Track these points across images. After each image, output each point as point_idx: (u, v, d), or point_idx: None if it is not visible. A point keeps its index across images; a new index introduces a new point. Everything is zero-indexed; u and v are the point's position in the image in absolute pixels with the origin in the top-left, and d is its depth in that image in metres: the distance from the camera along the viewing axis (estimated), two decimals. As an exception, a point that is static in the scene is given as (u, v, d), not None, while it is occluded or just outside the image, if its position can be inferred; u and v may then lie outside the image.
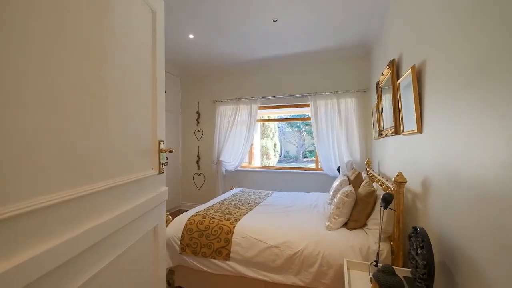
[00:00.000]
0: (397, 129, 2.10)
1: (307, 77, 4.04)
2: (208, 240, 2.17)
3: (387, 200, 1.44)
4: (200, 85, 4.72)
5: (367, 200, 1.97)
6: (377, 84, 2.80)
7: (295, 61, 4.07)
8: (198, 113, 4.69)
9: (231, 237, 2.12)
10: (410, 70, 1.65)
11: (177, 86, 4.73)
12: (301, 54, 3.89)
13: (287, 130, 10.55)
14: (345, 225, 2.08)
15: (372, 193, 1.95)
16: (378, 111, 2.82)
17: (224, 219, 2.30)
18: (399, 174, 1.72)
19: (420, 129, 1.60)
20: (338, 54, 3.82)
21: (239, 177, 4.48)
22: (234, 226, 2.18)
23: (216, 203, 2.84)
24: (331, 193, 2.87)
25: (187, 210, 2.80)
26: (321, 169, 3.97)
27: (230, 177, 4.53)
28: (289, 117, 5.28)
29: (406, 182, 1.70)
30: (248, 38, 3.38)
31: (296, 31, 3.19)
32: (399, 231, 1.71)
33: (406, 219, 1.85)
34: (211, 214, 2.42)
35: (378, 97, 2.80)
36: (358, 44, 3.53)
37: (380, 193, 2.02)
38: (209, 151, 4.58)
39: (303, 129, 10.14)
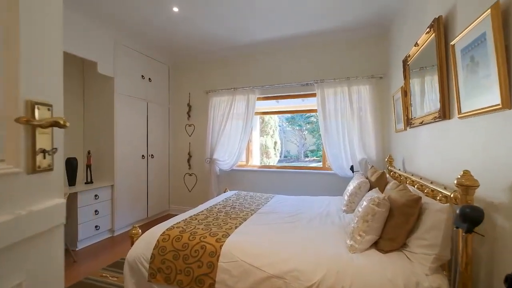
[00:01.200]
0: (445, 112, 1.49)
1: (313, 63, 3.43)
2: (186, 264, 1.55)
3: (473, 218, 0.82)
4: (191, 74, 4.11)
5: (408, 210, 1.35)
6: (404, 62, 2.19)
7: (298, 44, 3.47)
8: (189, 105, 4.08)
9: (217, 260, 1.50)
10: (488, 12, 1.04)
11: (165, 75, 4.13)
12: (306, 35, 3.29)
13: (287, 129, 9.96)
14: (374, 244, 1.47)
15: (416, 202, 1.34)
16: (405, 95, 2.21)
17: (209, 235, 1.68)
18: (466, 173, 1.10)
19: (508, 102, 0.99)
20: (349, 34, 3.21)
21: (235, 177, 3.86)
22: (222, 245, 1.56)
23: (202, 211, 2.22)
24: (346, 197, 2.25)
25: (177, 215, 2.20)
26: (330, 168, 3.36)
27: (224, 178, 3.91)
28: (291, 110, 4.64)
29: (477, 186, 1.09)
30: (242, 14, 2.78)
31: (300, 7, 2.58)
32: (467, 259, 1.10)
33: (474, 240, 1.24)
34: (193, 227, 1.80)
35: (405, 78, 2.19)
36: (372, 21, 2.92)
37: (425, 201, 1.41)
38: (202, 148, 3.97)
39: (304, 128, 9.55)
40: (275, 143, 6.84)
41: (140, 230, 1.84)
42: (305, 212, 2.21)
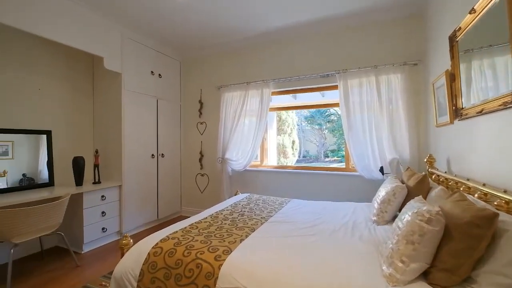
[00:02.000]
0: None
1: (334, 51, 3.01)
2: (178, 286, 1.25)
3: None
4: (202, 69, 3.85)
5: (476, 232, 0.94)
6: (452, 39, 1.73)
7: (317, 31, 3.07)
8: (200, 102, 3.82)
9: (214, 284, 1.18)
10: None
11: (177, 71, 3.91)
12: (325, 20, 2.88)
13: (306, 128, 9.49)
14: (423, 275, 1.06)
15: (489, 220, 0.91)
16: (452, 79, 1.75)
17: (208, 250, 1.36)
18: None
19: None
20: (377, 16, 2.76)
21: (248, 178, 3.54)
22: (221, 265, 1.24)
23: (206, 218, 1.91)
24: (376, 205, 1.84)
25: (189, 217, 1.93)
26: (354, 170, 2.93)
27: (237, 179, 3.60)
28: (309, 105, 4.20)
29: None
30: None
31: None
32: None
33: None
34: (191, 239, 1.50)
35: (453, 58, 1.73)
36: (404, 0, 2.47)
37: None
38: (213, 147, 3.69)
39: (324, 127, 9.03)
40: (293, 142, 6.43)
41: (131, 240, 1.56)
42: (327, 221, 1.82)
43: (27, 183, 2.62)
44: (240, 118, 3.41)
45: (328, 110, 8.48)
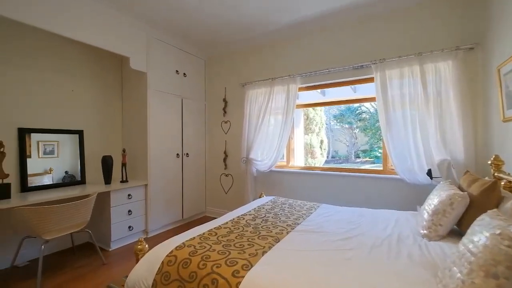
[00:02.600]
0: None
1: (368, 39, 2.67)
2: (191, 304, 1.09)
3: None
4: (226, 67, 3.72)
5: None
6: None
7: (349, 18, 2.75)
8: (225, 100, 3.70)
9: (231, 307, 1.00)
10: None
11: (201, 70, 3.83)
12: (359, 6, 2.56)
13: (335, 127, 8.98)
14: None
15: None
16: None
17: (225, 263, 1.18)
18: None
19: None
20: (421, -3, 2.38)
21: (274, 180, 3.32)
22: (239, 283, 1.04)
23: (226, 222, 1.74)
24: (426, 215, 1.51)
25: (215, 218, 1.80)
26: (393, 172, 2.56)
27: (262, 180, 3.40)
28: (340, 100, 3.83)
29: None
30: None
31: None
32: None
33: None
34: (208, 248, 1.33)
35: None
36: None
37: None
38: (238, 146, 3.54)
39: (355, 126, 8.45)
40: (321, 141, 6.06)
41: (146, 246, 1.45)
42: (365, 233, 1.54)
43: (69, 180, 2.73)
44: (265, 116, 3.20)
45: (359, 108, 7.91)
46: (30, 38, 2.47)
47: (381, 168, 2.80)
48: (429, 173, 2.10)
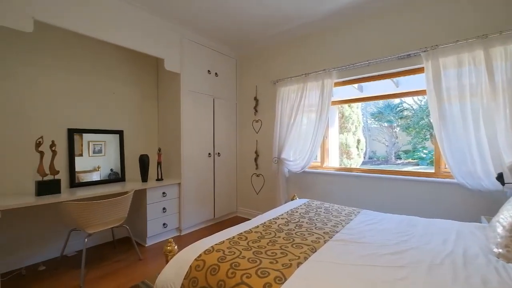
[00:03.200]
0: None
1: (417, 23, 2.34)
2: (219, 316, 0.99)
3: None
4: (258, 65, 3.61)
5: None
6: None
7: (392, 2, 2.45)
8: (256, 99, 3.60)
9: (262, 326, 0.87)
10: None
11: (232, 69, 3.78)
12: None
13: (373, 126, 8.34)
14: None
15: None
16: None
17: (256, 273, 1.06)
18: None
19: None
20: (485, -31, 2.00)
21: (307, 181, 3.12)
22: (271, 299, 0.92)
23: (257, 226, 1.62)
24: (501, 230, 1.21)
25: (246, 219, 1.73)
26: (449, 176, 2.20)
27: (294, 181, 3.23)
28: (380, 95, 3.44)
29: None
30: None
31: None
32: None
33: None
34: (238, 254, 1.23)
35: None
36: None
37: None
38: (269, 146, 3.41)
39: (395, 124, 7.75)
40: (358, 141, 5.65)
41: (176, 247, 1.39)
42: (419, 247, 1.29)
43: (113, 177, 2.89)
44: (298, 114, 3.03)
45: (400, 104, 7.21)
46: (75, 45, 2.63)
47: (432, 171, 2.44)
48: (500, 177, 1.73)
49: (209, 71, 3.37)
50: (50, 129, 2.45)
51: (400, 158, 7.57)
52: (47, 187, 2.18)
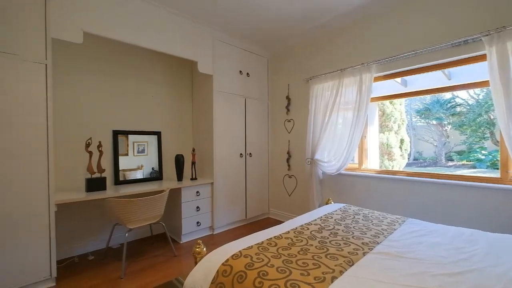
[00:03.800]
0: None
1: (477, 4, 2.00)
2: (245, 329, 0.92)
3: None
4: (290, 63, 3.49)
5: None
6: None
7: (447, -16, 2.13)
8: (288, 98, 3.48)
9: None
10: None
11: (264, 69, 3.72)
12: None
13: (418, 124, 7.56)
14: None
15: None
16: None
17: (285, 284, 0.97)
18: None
19: None
20: None
21: (343, 184, 2.91)
22: (301, 318, 0.82)
23: (288, 232, 1.52)
24: None
25: (281, 222, 1.68)
26: (519, 182, 1.84)
27: (329, 184, 3.04)
28: (429, 89, 3.03)
29: None
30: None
31: None
32: None
33: None
34: (266, 261, 1.15)
35: None
36: None
37: None
38: (302, 146, 3.27)
39: (446, 122, 6.90)
40: (401, 140, 5.15)
41: (204, 249, 1.37)
42: (483, 269, 1.07)
43: (154, 176, 3.04)
44: (333, 112, 2.84)
45: (453, 100, 6.38)
46: (118, 53, 2.83)
47: (497, 176, 2.06)
48: None
49: (240, 71, 3.36)
50: (98, 131, 2.66)
51: (452, 160, 6.71)
52: (95, 184, 2.36)
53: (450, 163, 6.63)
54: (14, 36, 1.80)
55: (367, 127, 2.99)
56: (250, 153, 3.48)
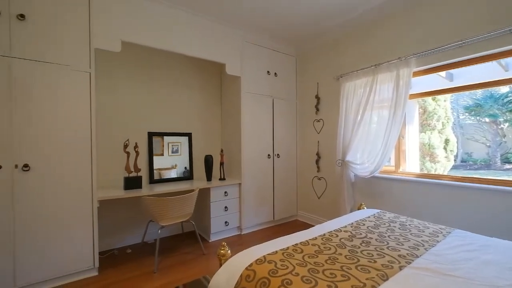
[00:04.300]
0: None
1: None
2: (268, 338, 0.89)
3: None
4: (319, 60, 3.36)
5: None
6: None
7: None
8: (317, 97, 3.36)
9: None
10: None
11: (292, 68, 3.64)
12: None
13: (467, 122, 6.77)
14: None
15: None
16: None
17: (310, 296, 0.92)
18: None
19: None
20: None
21: (377, 188, 2.71)
22: (327, 335, 0.76)
23: (315, 238, 1.45)
24: None
25: (310, 225, 1.64)
26: None
27: (362, 187, 2.85)
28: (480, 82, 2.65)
29: None
30: None
31: None
32: None
33: None
34: (291, 269, 1.10)
35: None
36: None
37: None
38: (332, 147, 3.12)
39: (502, 119, 6.07)
40: (446, 140, 4.64)
41: (229, 251, 1.37)
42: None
43: (187, 175, 3.17)
44: (366, 111, 2.66)
45: (510, 94, 5.58)
46: (151, 58, 2.99)
47: None
48: None
49: (268, 71, 3.33)
50: (134, 133, 2.84)
51: (510, 162, 5.87)
52: (132, 182, 2.53)
53: (507, 166, 5.81)
54: (65, 49, 2.00)
55: (405, 126, 2.75)
56: (278, 154, 3.43)
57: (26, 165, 1.83)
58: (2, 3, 1.76)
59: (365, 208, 2.18)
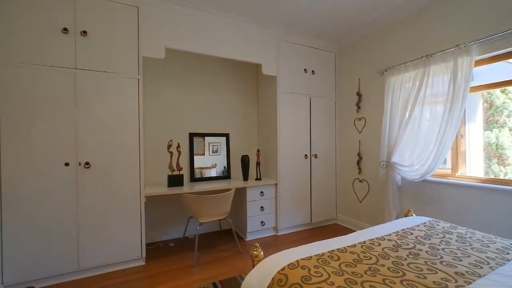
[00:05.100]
0: None
1: None
2: None
3: None
4: (360, 55, 3.13)
5: None
6: None
7: None
8: (358, 94, 3.14)
9: None
10: None
11: (331, 65, 3.47)
12: None
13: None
14: None
15: None
16: None
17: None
18: None
19: None
20: None
21: (429, 193, 2.40)
22: None
23: (354, 245, 1.34)
24: None
25: (350, 230, 1.58)
26: None
27: (410, 192, 2.57)
28: None
29: None
30: None
31: None
32: None
33: None
34: (325, 277, 1.04)
35: None
36: None
37: None
38: (375, 148, 2.89)
39: None
40: (521, 140, 3.90)
41: (262, 252, 1.36)
42: None
43: (225, 174, 3.28)
44: (415, 107, 2.39)
45: None
46: (191, 62, 3.15)
47: None
48: None
49: (305, 69, 3.24)
50: (177, 134, 3.03)
51: None
52: (174, 180, 2.70)
53: None
54: (118, 59, 2.23)
55: (465, 123, 2.40)
56: (315, 154, 3.31)
57: (87, 163, 2.10)
58: (70, 22, 2.05)
59: (414, 215, 1.95)
